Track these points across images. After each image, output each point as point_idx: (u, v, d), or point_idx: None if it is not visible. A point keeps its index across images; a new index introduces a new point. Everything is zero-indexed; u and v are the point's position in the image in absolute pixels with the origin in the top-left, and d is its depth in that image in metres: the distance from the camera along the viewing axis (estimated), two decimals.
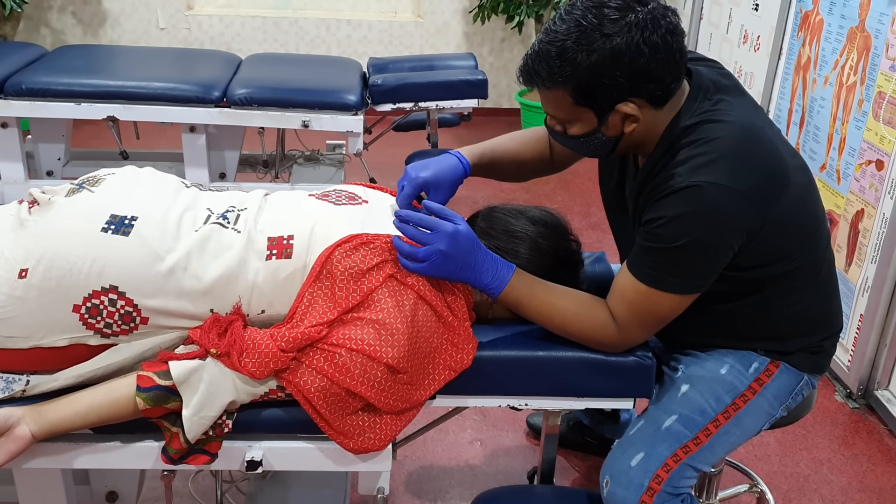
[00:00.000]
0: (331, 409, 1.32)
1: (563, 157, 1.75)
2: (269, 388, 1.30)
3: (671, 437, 1.48)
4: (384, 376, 1.34)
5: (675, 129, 1.39)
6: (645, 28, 1.28)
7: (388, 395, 1.35)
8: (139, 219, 1.39)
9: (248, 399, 1.31)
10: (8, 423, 1.28)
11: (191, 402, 1.28)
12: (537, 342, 1.49)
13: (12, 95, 2.91)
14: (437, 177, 1.57)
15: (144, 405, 1.28)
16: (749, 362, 1.54)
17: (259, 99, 2.96)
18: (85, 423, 1.32)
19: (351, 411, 1.34)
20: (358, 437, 1.35)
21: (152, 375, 1.29)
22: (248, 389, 1.30)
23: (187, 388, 1.28)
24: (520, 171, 1.75)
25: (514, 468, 2.18)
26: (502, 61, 4.88)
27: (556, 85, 1.33)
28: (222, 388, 1.29)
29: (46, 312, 1.34)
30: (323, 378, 1.31)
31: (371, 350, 1.32)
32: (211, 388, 1.28)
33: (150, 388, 1.29)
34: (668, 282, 1.38)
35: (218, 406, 1.30)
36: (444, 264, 1.39)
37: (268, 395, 1.31)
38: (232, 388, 1.29)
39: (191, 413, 1.28)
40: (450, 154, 1.62)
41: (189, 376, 1.28)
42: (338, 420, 1.33)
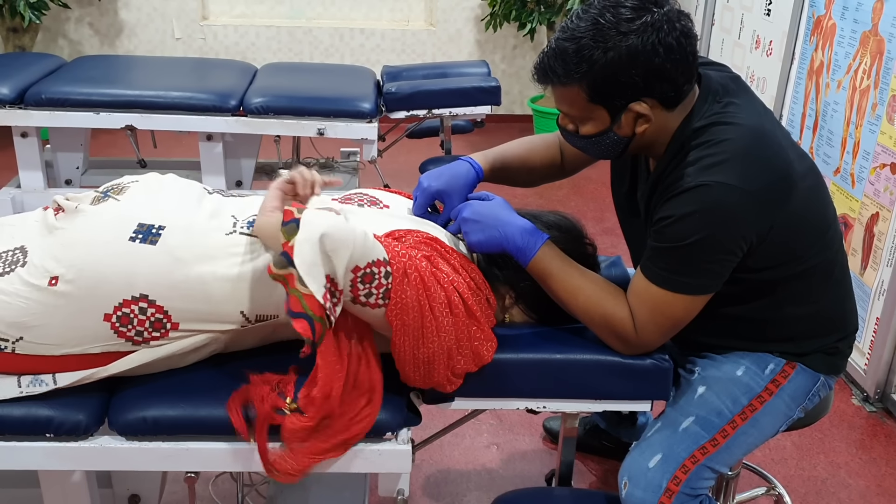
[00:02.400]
0: (428, 299, 1.34)
1: (574, 163, 1.77)
2: (377, 259, 1.30)
3: (689, 439, 1.49)
4: (445, 304, 1.36)
5: (686, 131, 1.41)
6: (660, 29, 1.30)
7: (445, 320, 1.36)
8: (166, 228, 1.41)
9: (359, 258, 1.29)
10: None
11: (306, 231, 1.26)
12: (555, 344, 1.50)
13: (32, 105, 2.95)
14: (448, 185, 1.60)
15: (283, 238, 1.27)
16: (765, 364, 1.55)
17: (275, 107, 2.99)
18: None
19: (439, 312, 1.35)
20: (412, 356, 1.36)
21: (294, 210, 1.30)
22: (365, 244, 1.29)
23: (311, 216, 1.28)
24: (530, 175, 1.77)
25: (531, 472, 2.19)
26: (514, 68, 4.91)
27: (572, 82, 1.35)
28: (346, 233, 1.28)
29: (77, 321, 1.36)
30: (415, 271, 1.33)
31: (438, 277, 1.37)
32: (332, 228, 1.27)
33: (289, 221, 1.29)
34: (680, 282, 1.40)
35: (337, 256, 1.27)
36: (476, 228, 1.47)
37: (372, 265, 1.30)
38: (357, 234, 1.29)
39: (303, 237, 1.26)
40: (462, 160, 1.64)
41: (317, 216, 1.28)
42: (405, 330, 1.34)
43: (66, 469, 1.46)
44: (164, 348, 1.40)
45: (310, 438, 1.34)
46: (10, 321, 1.37)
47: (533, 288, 1.52)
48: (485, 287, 1.49)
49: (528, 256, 1.46)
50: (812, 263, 1.48)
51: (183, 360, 1.44)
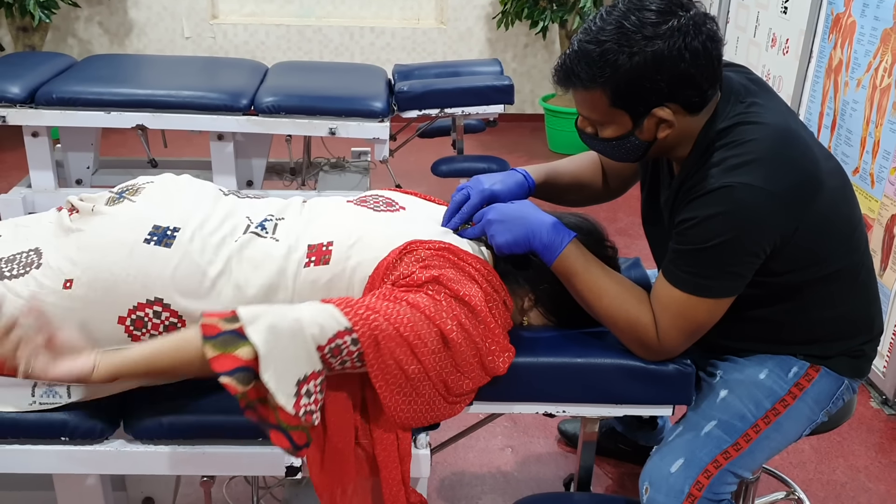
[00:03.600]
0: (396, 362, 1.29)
1: (616, 183, 1.75)
2: (338, 330, 1.24)
3: (711, 443, 1.47)
4: (437, 343, 1.32)
5: (710, 133, 1.39)
6: (687, 34, 1.27)
7: (438, 362, 1.32)
8: (181, 230, 1.39)
9: (320, 337, 1.23)
10: (82, 345, 1.25)
11: (262, 339, 1.18)
12: (576, 348, 1.48)
13: (43, 105, 2.94)
14: (504, 190, 1.58)
15: (212, 352, 1.19)
16: (788, 367, 1.52)
17: (286, 107, 2.98)
18: (150, 367, 1.26)
19: (412, 374, 1.30)
20: (406, 408, 1.32)
21: (217, 322, 1.21)
22: (319, 322, 1.23)
23: (256, 327, 1.19)
24: (580, 194, 1.75)
25: (546, 475, 2.17)
26: (525, 67, 4.88)
27: (595, 86, 1.32)
28: (295, 324, 1.22)
29: (91, 324, 1.35)
30: (392, 328, 1.28)
31: (428, 312, 1.31)
32: (281, 325, 1.21)
33: (216, 335, 1.20)
34: (702, 286, 1.37)
35: (296, 347, 1.21)
36: (502, 229, 1.45)
37: (335, 339, 1.25)
38: (305, 322, 1.22)
39: (266, 350, 1.18)
40: (516, 171, 1.62)
41: (259, 317, 1.21)
42: (400, 377, 1.30)
43: (81, 473, 1.44)
44: None
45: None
46: None
47: (553, 290, 1.50)
48: (501, 290, 1.47)
49: (555, 254, 1.43)
50: (838, 266, 1.45)
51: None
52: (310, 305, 1.28)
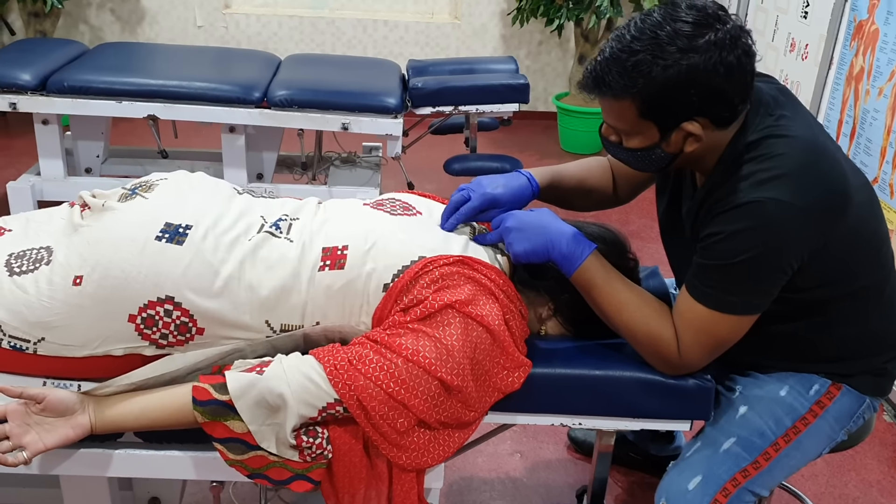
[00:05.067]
0: (387, 423, 1.29)
1: (626, 188, 1.72)
2: (328, 402, 1.27)
3: (730, 461, 1.44)
4: (437, 391, 1.31)
5: (738, 146, 1.36)
6: (724, 48, 1.24)
7: (439, 410, 1.32)
8: (193, 227, 1.37)
9: (308, 412, 1.27)
10: (73, 408, 1.27)
11: (251, 417, 1.25)
12: (594, 360, 1.46)
13: (54, 93, 2.92)
14: (506, 195, 1.55)
15: (203, 419, 1.26)
16: (810, 384, 1.49)
17: (299, 101, 2.95)
18: (140, 425, 1.31)
19: (406, 427, 1.31)
20: (412, 452, 1.32)
21: (209, 388, 1.26)
22: (306, 400, 1.26)
23: (245, 403, 1.25)
24: (586, 198, 1.72)
25: (555, 482, 2.15)
26: (539, 64, 4.84)
27: (625, 96, 1.29)
28: (281, 401, 1.25)
29: (101, 322, 1.33)
30: (379, 390, 1.28)
31: (427, 363, 1.29)
32: (269, 401, 1.25)
33: (206, 402, 1.26)
34: (727, 302, 1.34)
35: (281, 419, 1.26)
36: (520, 237, 1.42)
37: (325, 410, 1.28)
38: (291, 401, 1.25)
39: (257, 426, 1.26)
40: (519, 173, 1.59)
41: (247, 391, 1.25)
42: (393, 434, 1.30)
43: (90, 475, 1.42)
44: (187, 356, 1.36)
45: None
46: (33, 321, 1.34)
47: (572, 300, 1.47)
48: (517, 300, 1.44)
49: (574, 265, 1.41)
50: (865, 283, 1.42)
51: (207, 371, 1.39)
52: (297, 371, 1.27)
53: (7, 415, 1.25)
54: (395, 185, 3.78)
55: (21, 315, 1.33)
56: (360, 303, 1.38)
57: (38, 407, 1.25)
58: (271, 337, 1.38)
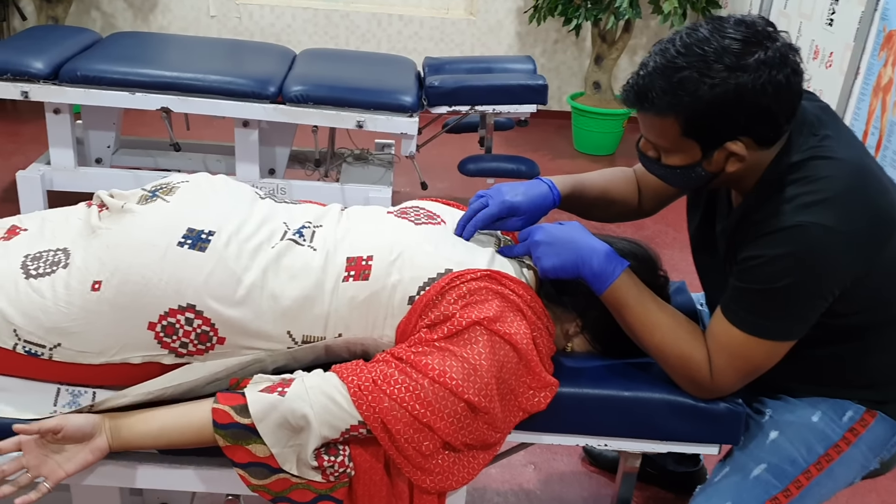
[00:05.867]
0: (412, 446, 1.26)
1: (652, 202, 1.68)
2: (351, 424, 1.23)
3: (760, 488, 1.40)
4: (463, 413, 1.27)
5: (780, 166, 1.31)
6: (773, 66, 1.20)
7: (465, 433, 1.28)
8: (216, 234, 1.33)
9: (331, 434, 1.23)
10: (90, 433, 1.23)
11: (274, 440, 1.22)
12: (622, 381, 1.42)
13: (67, 82, 2.87)
14: (526, 203, 1.50)
15: (224, 442, 1.22)
16: (843, 410, 1.45)
17: (315, 97, 2.91)
18: (159, 445, 1.27)
19: (431, 450, 1.27)
20: (437, 475, 1.28)
21: (229, 411, 1.22)
22: (329, 422, 1.23)
23: (267, 426, 1.21)
24: (607, 209, 1.67)
25: (569, 496, 2.11)
26: (554, 63, 4.79)
27: (668, 113, 1.24)
28: (304, 422, 1.21)
29: (120, 328, 1.29)
30: (405, 412, 1.24)
31: (454, 384, 1.25)
32: (292, 423, 1.22)
33: (228, 426, 1.22)
34: (764, 327, 1.30)
35: (303, 440, 1.23)
36: (549, 252, 1.39)
37: (348, 432, 1.24)
38: (314, 423, 1.22)
39: (279, 448, 1.22)
40: (540, 181, 1.54)
41: (269, 413, 1.21)
42: (418, 457, 1.26)
43: (102, 485, 1.38)
44: (207, 365, 1.32)
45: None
46: (49, 326, 1.30)
47: (601, 318, 1.43)
48: (544, 316, 1.40)
49: (606, 284, 1.36)
50: None
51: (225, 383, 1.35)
52: (320, 391, 1.23)
53: (22, 446, 1.21)
54: (407, 184, 3.74)
55: (37, 320, 1.29)
56: (384, 315, 1.34)
57: (56, 437, 1.21)
58: (292, 348, 1.34)
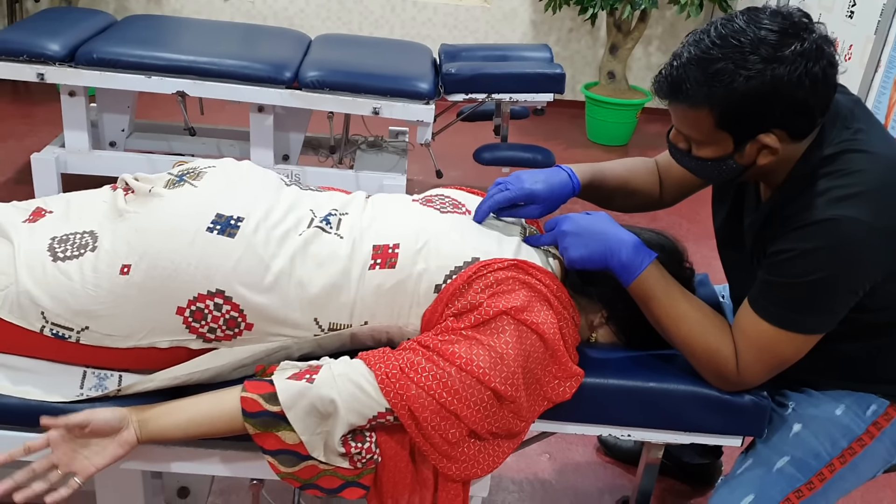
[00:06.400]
0: (438, 433, 1.26)
1: (673, 193, 1.67)
2: (378, 412, 1.24)
3: (783, 481, 1.40)
4: (490, 401, 1.27)
5: (812, 160, 1.30)
6: (810, 58, 1.18)
7: (490, 421, 1.29)
8: (244, 220, 1.33)
9: (357, 421, 1.24)
10: (118, 426, 1.23)
11: (303, 428, 1.22)
12: (647, 373, 1.41)
13: (83, 65, 2.87)
14: (545, 191, 1.49)
15: (254, 430, 1.23)
16: (867, 404, 1.45)
17: (331, 83, 2.90)
18: (188, 436, 1.27)
19: (457, 437, 1.27)
20: (462, 463, 1.29)
21: (258, 399, 1.22)
22: (356, 409, 1.23)
23: (296, 413, 1.21)
24: (628, 199, 1.66)
25: (584, 485, 2.12)
26: (569, 52, 4.77)
27: (702, 105, 1.23)
28: (332, 407, 1.22)
29: (148, 312, 1.29)
30: (432, 400, 1.24)
31: (481, 373, 1.26)
32: (320, 409, 1.22)
33: (257, 414, 1.22)
34: (793, 321, 1.30)
35: (330, 426, 1.23)
36: (577, 243, 1.38)
37: (375, 419, 1.25)
38: (342, 410, 1.22)
39: (308, 436, 1.23)
40: (560, 168, 1.54)
41: (298, 400, 1.21)
42: (444, 445, 1.27)
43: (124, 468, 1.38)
44: (234, 350, 1.33)
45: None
46: (77, 309, 1.30)
47: (627, 309, 1.43)
48: (570, 306, 1.40)
49: (633, 275, 1.36)
50: None
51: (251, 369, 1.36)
52: (348, 379, 1.23)
53: (50, 444, 1.22)
54: (420, 172, 3.73)
55: (65, 302, 1.29)
56: (410, 303, 1.34)
57: (84, 432, 1.22)
58: (318, 336, 1.34)
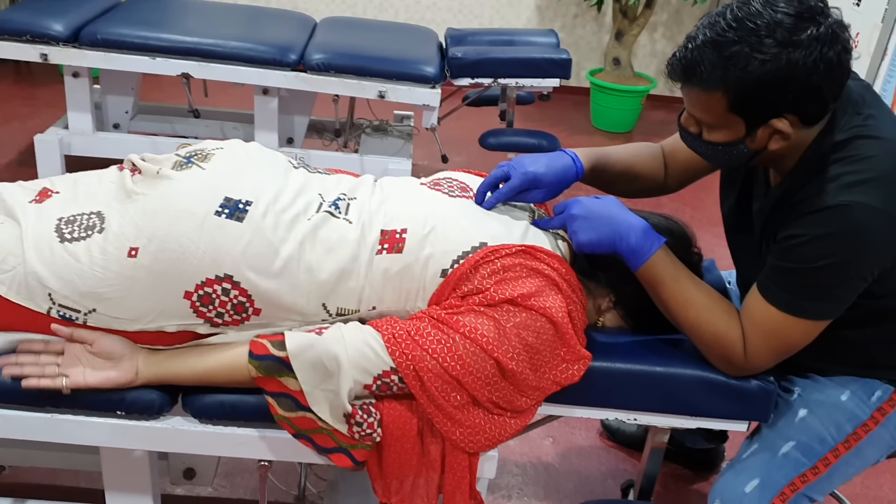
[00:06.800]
0: (442, 396, 1.28)
1: (678, 179, 1.67)
2: (383, 370, 1.26)
3: (788, 465, 1.41)
4: (492, 371, 1.29)
5: (823, 145, 1.30)
6: (825, 43, 1.18)
7: (491, 390, 1.30)
8: (253, 204, 1.33)
9: (363, 378, 1.26)
10: (121, 353, 1.29)
11: (306, 377, 1.25)
12: (654, 357, 1.42)
13: (87, 45, 2.85)
14: (549, 174, 1.49)
15: (256, 373, 1.26)
16: (871, 390, 1.46)
17: (336, 65, 2.88)
18: (190, 378, 1.31)
19: (460, 402, 1.29)
20: (467, 428, 1.30)
21: (266, 343, 1.26)
22: (362, 365, 1.25)
23: (301, 362, 1.24)
24: (631, 184, 1.66)
25: (587, 469, 2.13)
26: (573, 38, 4.74)
27: (716, 88, 1.23)
28: (336, 364, 1.24)
29: (156, 296, 1.29)
30: (436, 363, 1.26)
31: (485, 341, 1.27)
32: (325, 364, 1.24)
33: (263, 357, 1.25)
34: (802, 307, 1.30)
35: (335, 383, 1.25)
36: (586, 226, 1.38)
37: (380, 378, 1.26)
38: (346, 364, 1.24)
39: (310, 388, 1.25)
40: (564, 153, 1.53)
41: (305, 350, 1.24)
42: (449, 407, 1.28)
43: (133, 448, 1.39)
44: (241, 335, 1.33)
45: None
46: (84, 291, 1.30)
47: (634, 294, 1.43)
48: (578, 290, 1.40)
49: (642, 260, 1.36)
50: None
51: None
52: (356, 337, 1.27)
53: (64, 349, 1.31)
54: (425, 156, 3.72)
55: (72, 284, 1.29)
56: (417, 288, 1.34)
57: (89, 348, 1.30)
58: (326, 321, 1.34)
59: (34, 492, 1.70)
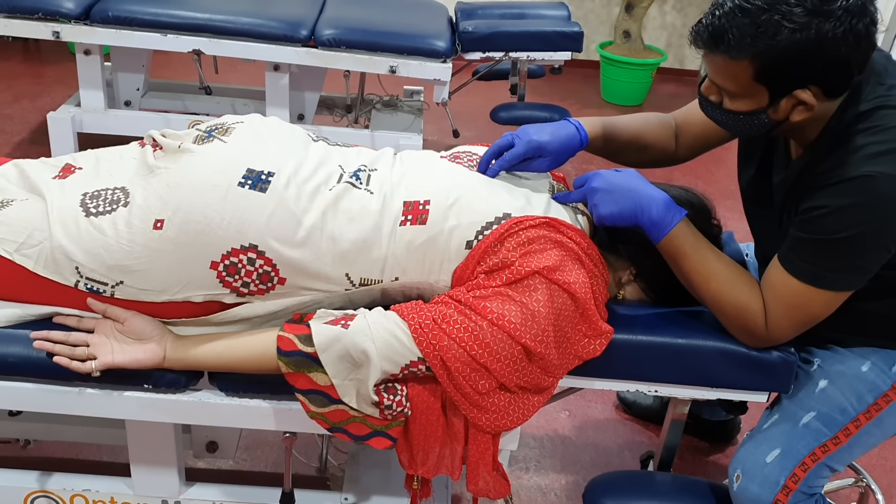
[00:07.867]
0: (469, 384, 1.28)
1: (689, 149, 1.66)
2: (411, 360, 1.26)
3: (810, 436, 1.42)
4: (519, 357, 1.29)
5: (846, 116, 1.29)
6: (854, 14, 1.17)
7: (519, 375, 1.31)
8: (275, 175, 1.33)
9: (391, 369, 1.27)
10: (150, 335, 1.32)
11: (335, 371, 1.26)
12: (675, 329, 1.42)
13: (98, 22, 2.84)
14: (553, 143, 1.48)
15: (286, 369, 1.27)
16: (892, 360, 1.46)
17: (347, 41, 2.87)
18: (218, 365, 1.33)
19: (487, 389, 1.29)
20: (492, 413, 1.31)
21: (294, 339, 1.26)
22: (390, 357, 1.26)
23: (329, 356, 1.25)
24: (639, 154, 1.65)
25: (604, 441, 2.14)
26: (583, 11, 4.71)
27: (744, 56, 1.21)
28: (364, 357, 1.25)
29: (182, 267, 1.30)
30: (463, 352, 1.26)
31: (512, 328, 1.27)
32: (353, 356, 1.25)
33: (291, 353, 1.26)
34: (824, 278, 1.30)
35: (364, 373, 1.26)
36: (607, 199, 1.38)
37: (408, 368, 1.27)
38: (374, 358, 1.25)
39: (340, 380, 1.26)
40: (568, 122, 1.53)
41: (332, 344, 1.25)
42: (474, 395, 1.29)
43: (160, 421, 1.41)
44: (267, 304, 1.34)
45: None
46: (111, 264, 1.31)
47: (655, 266, 1.43)
48: (600, 263, 1.40)
49: (663, 232, 1.36)
50: None
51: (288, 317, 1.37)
52: (383, 328, 1.27)
53: (95, 327, 1.33)
54: (435, 132, 3.72)
55: (99, 257, 1.30)
56: (441, 259, 1.35)
57: (120, 327, 1.32)
58: (350, 290, 1.35)
59: (58, 465, 1.72)
